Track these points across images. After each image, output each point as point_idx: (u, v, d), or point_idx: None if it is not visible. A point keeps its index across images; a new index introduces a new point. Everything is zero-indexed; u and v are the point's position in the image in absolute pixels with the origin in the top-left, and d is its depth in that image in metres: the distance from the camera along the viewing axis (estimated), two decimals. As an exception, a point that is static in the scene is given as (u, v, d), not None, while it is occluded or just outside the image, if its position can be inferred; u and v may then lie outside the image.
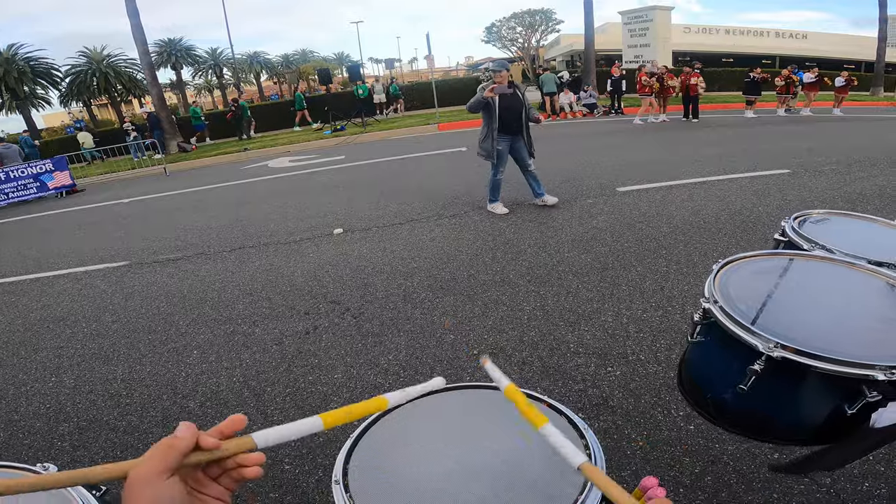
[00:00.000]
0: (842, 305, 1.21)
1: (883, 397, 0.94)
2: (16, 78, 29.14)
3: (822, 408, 1.06)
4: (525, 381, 2.53)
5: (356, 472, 0.97)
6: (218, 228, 6.31)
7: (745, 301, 1.18)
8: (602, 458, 0.95)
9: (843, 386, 0.99)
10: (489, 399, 1.16)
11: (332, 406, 2.51)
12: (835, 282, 1.30)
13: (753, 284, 1.29)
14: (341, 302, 3.72)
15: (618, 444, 2.03)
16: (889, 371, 0.93)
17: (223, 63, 41.52)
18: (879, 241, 1.56)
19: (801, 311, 1.18)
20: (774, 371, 1.03)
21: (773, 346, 1.02)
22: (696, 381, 1.30)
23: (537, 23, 39.36)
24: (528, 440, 1.02)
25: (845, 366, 0.96)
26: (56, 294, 4.64)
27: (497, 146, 5.29)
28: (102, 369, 3.16)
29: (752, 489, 1.72)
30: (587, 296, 3.42)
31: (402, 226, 5.49)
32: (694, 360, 1.33)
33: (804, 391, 1.06)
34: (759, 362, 1.03)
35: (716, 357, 1.22)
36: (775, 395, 1.08)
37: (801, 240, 1.53)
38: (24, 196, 11.47)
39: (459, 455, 1.00)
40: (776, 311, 1.17)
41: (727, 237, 4.27)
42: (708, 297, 1.21)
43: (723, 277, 1.30)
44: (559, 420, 1.06)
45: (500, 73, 5.18)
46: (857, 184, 5.65)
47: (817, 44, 30.14)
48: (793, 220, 1.64)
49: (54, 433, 2.57)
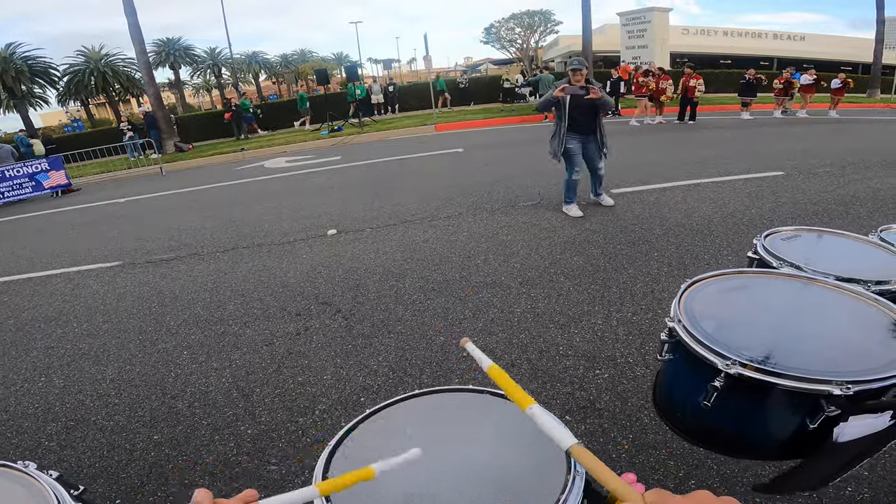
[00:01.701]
0: (804, 322, 1.22)
1: (842, 412, 0.95)
2: (13, 77, 29.11)
3: (784, 423, 1.07)
4: (513, 383, 2.53)
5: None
6: (212, 229, 6.30)
7: (708, 319, 1.20)
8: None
9: (803, 401, 1.00)
10: (473, 402, 1.16)
11: (320, 407, 2.52)
12: (800, 299, 1.30)
13: (718, 303, 1.30)
14: (333, 303, 3.72)
15: (604, 448, 2.03)
16: (845, 386, 0.94)
17: (222, 63, 41.51)
18: (849, 257, 1.56)
19: (763, 329, 1.19)
20: (734, 388, 1.05)
21: (730, 364, 1.03)
22: (667, 399, 1.33)
23: (536, 24, 39.39)
24: (513, 443, 1.02)
25: (801, 381, 0.97)
26: (48, 294, 4.63)
27: (567, 144, 5.11)
28: (92, 369, 3.15)
29: (736, 493, 1.73)
30: (578, 298, 3.42)
31: (396, 227, 5.49)
32: (664, 379, 1.35)
33: (765, 407, 1.07)
34: (719, 379, 1.05)
35: (682, 375, 1.23)
36: (738, 411, 1.10)
37: (770, 258, 1.54)
38: (20, 195, 11.45)
39: (443, 459, 1.00)
40: (738, 328, 1.19)
41: (719, 239, 4.28)
42: (672, 316, 1.23)
43: (689, 297, 1.31)
44: None
45: (578, 72, 4.91)
46: (850, 186, 5.67)
47: (815, 45, 30.22)
48: (763, 237, 1.65)
49: (42, 433, 2.57)
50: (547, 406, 2.31)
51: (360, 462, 1.00)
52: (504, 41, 40.95)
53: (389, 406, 1.17)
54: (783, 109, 14.04)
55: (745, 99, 13.51)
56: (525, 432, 1.05)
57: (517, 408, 1.11)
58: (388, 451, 1.03)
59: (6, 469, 0.98)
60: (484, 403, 1.15)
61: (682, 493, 0.51)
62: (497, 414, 1.12)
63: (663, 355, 1.26)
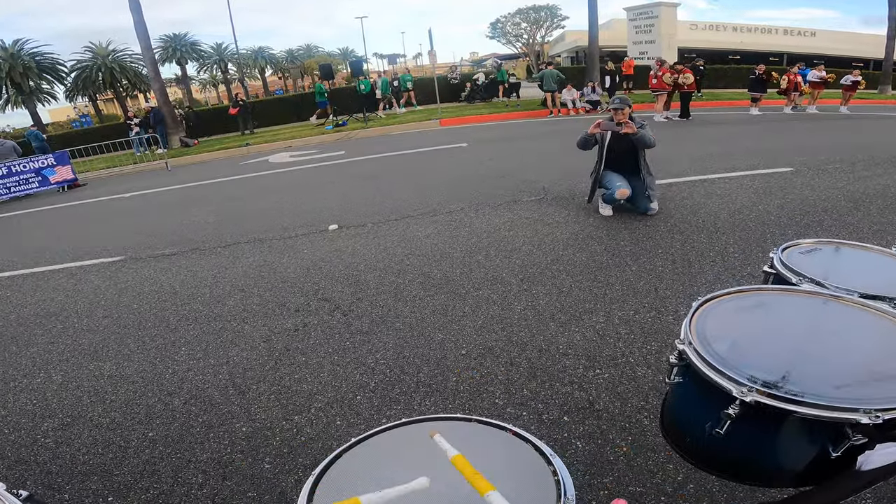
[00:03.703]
0: (827, 344, 1.14)
1: (869, 440, 0.89)
2: (21, 73, 29.29)
3: (804, 451, 1.00)
4: (511, 383, 2.50)
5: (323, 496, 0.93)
6: (215, 224, 6.30)
7: (721, 342, 1.12)
8: (571, 484, 0.91)
9: (826, 429, 0.94)
10: (455, 431, 1.12)
11: (316, 405, 2.49)
12: (821, 318, 1.22)
13: (733, 324, 1.21)
14: (332, 299, 3.69)
15: (601, 450, 1.99)
16: (873, 414, 0.87)
17: (228, 58, 41.56)
18: (873, 272, 1.46)
19: (782, 351, 1.11)
20: (750, 415, 0.98)
21: (746, 391, 0.97)
22: (675, 423, 1.25)
23: (542, 19, 39.16)
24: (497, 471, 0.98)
25: (825, 409, 0.91)
26: (51, 289, 4.64)
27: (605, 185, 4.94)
28: (91, 365, 3.14)
29: (735, 498, 1.68)
30: (580, 296, 3.37)
31: (398, 222, 5.45)
32: (673, 402, 1.27)
33: (784, 435, 1.00)
34: (734, 406, 0.98)
35: (693, 400, 1.16)
36: (754, 439, 1.03)
37: (789, 273, 1.44)
38: (26, 190, 11.52)
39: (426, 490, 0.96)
40: (755, 352, 1.11)
41: (725, 236, 4.21)
42: (683, 338, 1.15)
43: (701, 317, 1.23)
44: (525, 448, 1.02)
45: (620, 112, 4.66)
46: (860, 183, 5.56)
47: (825, 42, 29.81)
48: (780, 251, 1.56)
49: (38, 429, 2.56)
50: (545, 406, 2.28)
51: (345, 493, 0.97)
52: (510, 36, 40.78)
53: (377, 434, 1.13)
54: (793, 105, 13.86)
55: (755, 95, 13.33)
56: (514, 460, 1.01)
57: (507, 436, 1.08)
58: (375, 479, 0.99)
59: None
60: (472, 432, 1.11)
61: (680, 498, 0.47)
62: (485, 441, 1.08)
63: (672, 378, 1.17)
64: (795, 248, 1.63)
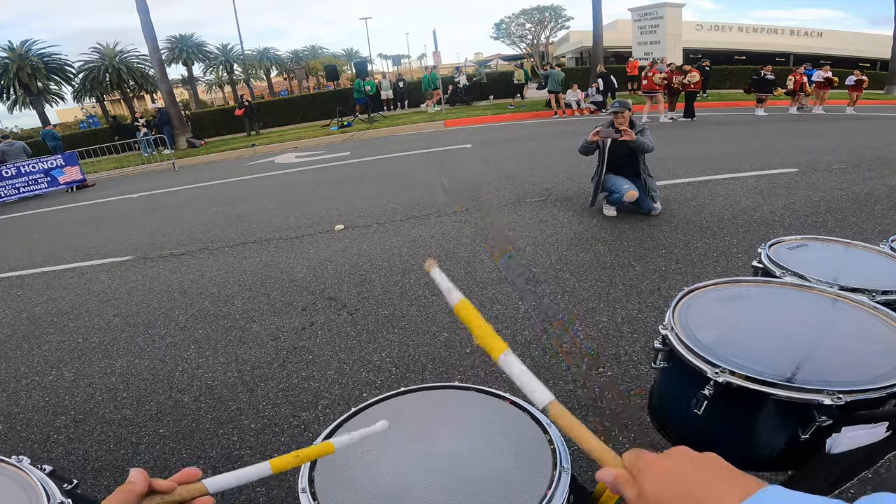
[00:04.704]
0: (802, 332, 1.20)
1: (835, 422, 0.93)
2: (29, 74, 29.54)
3: (776, 433, 1.05)
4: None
5: (322, 479, 0.98)
6: (222, 224, 6.36)
7: (702, 328, 1.19)
8: (567, 453, 0.95)
9: (794, 411, 0.99)
10: (453, 399, 1.16)
11: (323, 403, 2.53)
12: (799, 309, 1.28)
13: (715, 312, 1.28)
14: (338, 298, 3.73)
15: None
16: (836, 396, 0.92)
17: (233, 59, 41.76)
18: (857, 267, 1.52)
19: (758, 338, 1.18)
20: (724, 396, 1.04)
21: (719, 372, 1.03)
22: (660, 407, 1.32)
23: (547, 19, 39.13)
24: (499, 439, 1.02)
25: (791, 391, 0.96)
26: (62, 288, 4.71)
27: (607, 188, 4.99)
28: (102, 363, 3.20)
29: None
30: (583, 295, 3.40)
31: (403, 222, 5.49)
32: (658, 387, 1.33)
33: (757, 417, 1.05)
34: (709, 387, 1.05)
35: (675, 383, 1.22)
36: (729, 420, 1.09)
37: (774, 267, 1.52)
38: (35, 191, 11.64)
39: (426, 456, 1.00)
40: (733, 338, 1.17)
41: (729, 237, 4.23)
42: (666, 323, 1.22)
43: (684, 305, 1.30)
44: (521, 417, 1.06)
45: (620, 115, 4.72)
46: (866, 184, 5.56)
47: (832, 42, 29.65)
48: (767, 247, 1.62)
49: (51, 426, 2.61)
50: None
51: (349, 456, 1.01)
52: (514, 37, 40.75)
53: (376, 403, 1.17)
54: (799, 106, 13.81)
55: (761, 95, 13.29)
56: (511, 428, 1.05)
57: (504, 403, 1.12)
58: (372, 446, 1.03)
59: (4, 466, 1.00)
60: (469, 400, 1.15)
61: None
62: (482, 410, 1.12)
63: (658, 363, 1.25)
64: (783, 244, 1.70)
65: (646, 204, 4.96)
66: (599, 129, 4.84)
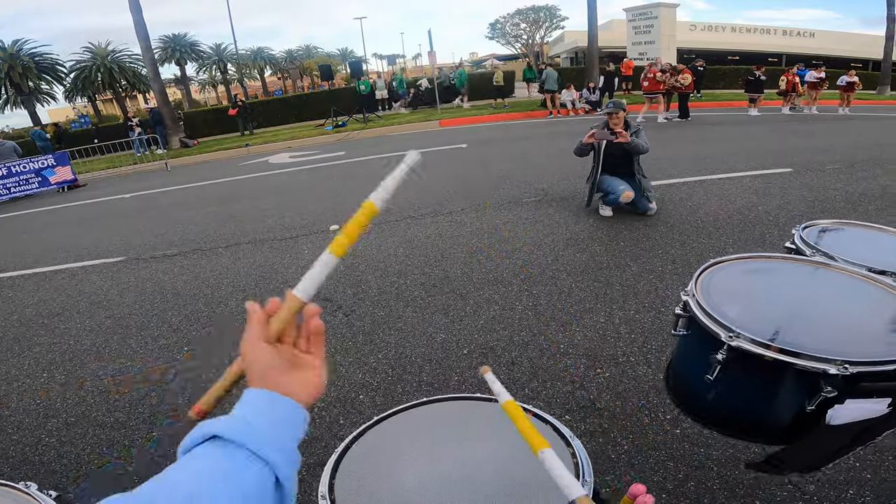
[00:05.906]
0: (821, 307, 1.22)
1: (839, 394, 0.93)
2: (20, 73, 29.27)
3: (783, 402, 1.07)
4: (513, 382, 2.51)
5: (342, 486, 0.96)
6: (215, 224, 6.31)
7: (722, 296, 1.22)
8: (590, 466, 0.94)
9: (802, 380, 1.00)
10: (475, 411, 1.15)
11: (318, 405, 2.50)
12: (822, 285, 1.30)
13: (737, 283, 1.32)
14: (334, 299, 3.71)
15: (603, 448, 2.01)
16: (842, 366, 0.92)
17: (227, 58, 41.56)
18: (886, 251, 1.53)
19: (777, 309, 1.20)
20: (736, 361, 1.06)
21: (733, 336, 1.05)
22: (676, 374, 1.34)
23: (542, 19, 39.22)
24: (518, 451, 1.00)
25: (799, 358, 0.97)
26: (53, 289, 4.65)
27: (602, 189, 5.00)
28: (93, 365, 3.16)
29: (735, 496, 1.70)
30: (580, 296, 3.39)
31: (398, 223, 5.47)
32: (676, 353, 1.37)
33: (765, 383, 1.07)
34: (722, 352, 1.06)
35: (692, 348, 1.25)
36: (739, 386, 1.11)
37: (805, 247, 1.54)
38: (26, 191, 11.51)
39: (448, 466, 0.99)
40: (751, 306, 1.20)
41: (725, 236, 4.24)
42: (689, 290, 1.26)
43: (708, 274, 1.34)
44: (544, 429, 1.05)
45: (614, 115, 4.73)
46: (859, 183, 5.59)
47: (825, 42, 29.85)
48: (801, 229, 1.65)
49: (42, 429, 2.58)
50: (546, 405, 2.30)
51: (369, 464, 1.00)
52: (509, 37, 40.81)
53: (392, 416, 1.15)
54: (791, 106, 13.89)
55: (753, 95, 13.35)
56: None
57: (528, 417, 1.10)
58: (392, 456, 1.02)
59: (8, 489, 1.01)
60: (491, 411, 1.14)
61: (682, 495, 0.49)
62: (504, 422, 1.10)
63: (677, 330, 1.28)
64: (815, 227, 1.73)
65: (641, 204, 4.96)
66: (595, 130, 4.84)
